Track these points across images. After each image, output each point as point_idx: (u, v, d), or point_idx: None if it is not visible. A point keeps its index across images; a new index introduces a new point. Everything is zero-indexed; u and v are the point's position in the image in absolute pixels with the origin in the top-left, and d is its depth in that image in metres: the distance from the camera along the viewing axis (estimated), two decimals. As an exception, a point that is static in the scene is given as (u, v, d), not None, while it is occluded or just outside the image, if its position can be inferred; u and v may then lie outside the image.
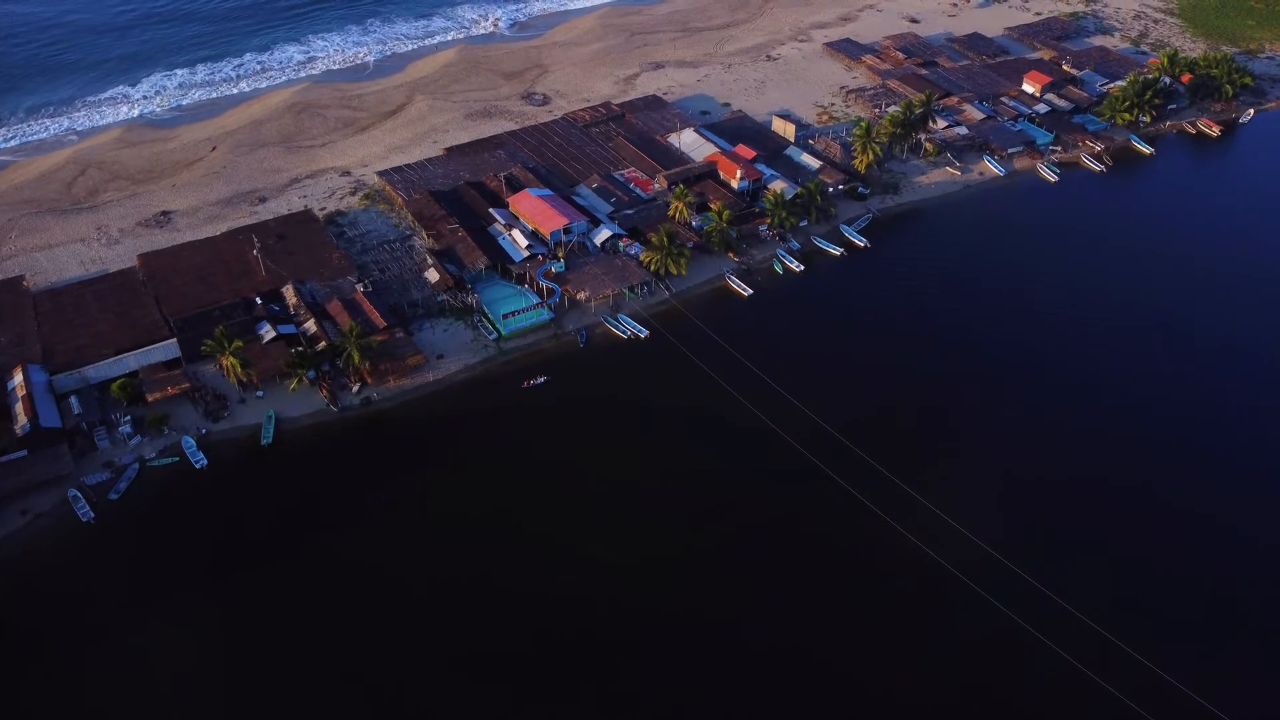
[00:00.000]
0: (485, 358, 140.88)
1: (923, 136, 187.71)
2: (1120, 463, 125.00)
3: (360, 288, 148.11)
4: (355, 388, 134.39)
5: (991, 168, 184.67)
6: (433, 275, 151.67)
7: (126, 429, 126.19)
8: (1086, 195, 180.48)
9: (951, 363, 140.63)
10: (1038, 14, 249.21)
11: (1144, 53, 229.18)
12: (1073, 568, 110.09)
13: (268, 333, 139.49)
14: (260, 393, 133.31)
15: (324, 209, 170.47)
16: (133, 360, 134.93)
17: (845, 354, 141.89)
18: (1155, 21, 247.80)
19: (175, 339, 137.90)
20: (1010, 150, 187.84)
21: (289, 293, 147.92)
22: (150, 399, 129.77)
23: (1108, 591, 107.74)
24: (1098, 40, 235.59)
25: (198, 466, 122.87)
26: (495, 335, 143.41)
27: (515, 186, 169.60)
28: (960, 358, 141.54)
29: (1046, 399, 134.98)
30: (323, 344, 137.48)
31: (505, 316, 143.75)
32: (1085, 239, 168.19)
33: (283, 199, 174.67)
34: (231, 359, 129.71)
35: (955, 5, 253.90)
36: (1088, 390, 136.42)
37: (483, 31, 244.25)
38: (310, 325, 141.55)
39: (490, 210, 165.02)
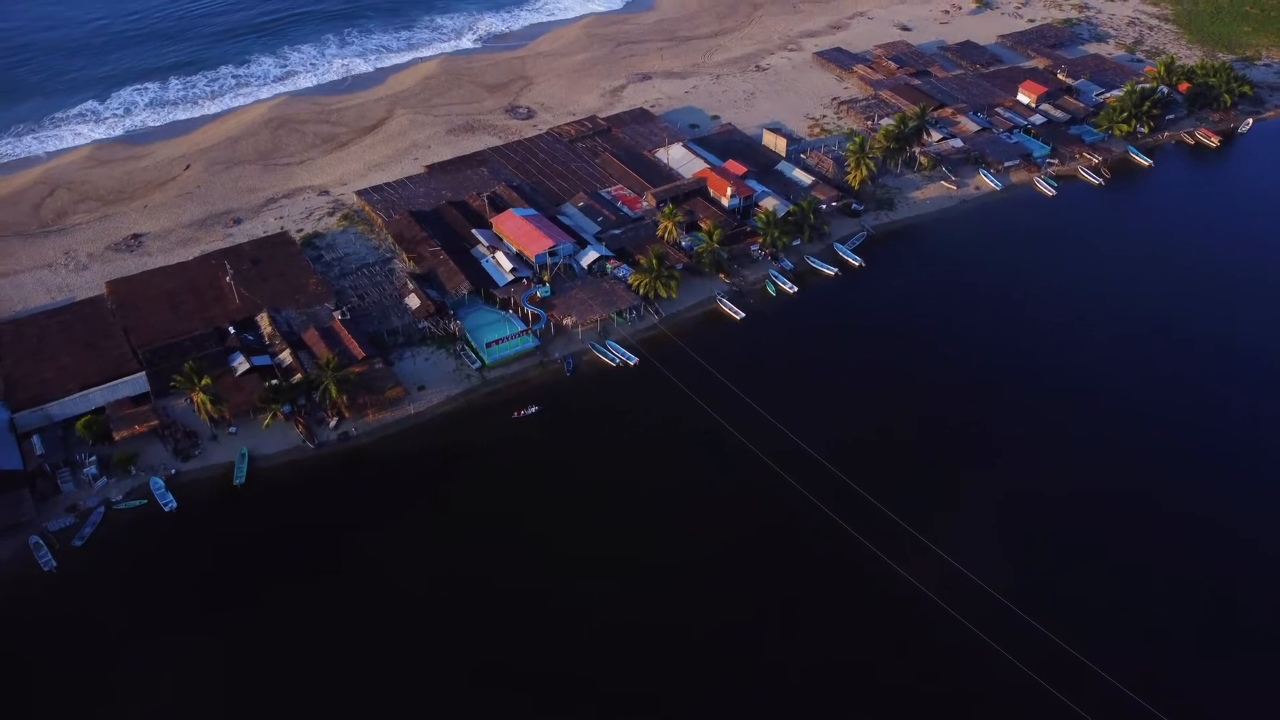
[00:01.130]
0: (468, 388, 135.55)
1: (917, 150, 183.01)
2: (1124, 504, 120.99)
3: (338, 315, 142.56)
4: (333, 422, 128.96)
5: (988, 182, 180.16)
6: (413, 301, 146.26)
7: (92, 470, 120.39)
8: (1086, 210, 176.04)
9: (949, 387, 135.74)
10: (1031, 21, 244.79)
11: (1139, 60, 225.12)
12: (1077, 604, 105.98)
13: (241, 365, 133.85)
14: (233, 429, 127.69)
15: (301, 230, 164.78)
16: (99, 396, 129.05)
17: (840, 380, 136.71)
18: (1150, 28, 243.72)
19: (144, 372, 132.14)
20: (1006, 163, 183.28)
21: (263, 321, 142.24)
22: (117, 437, 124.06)
23: (1115, 629, 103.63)
24: (1092, 48, 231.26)
25: (166, 509, 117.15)
26: (478, 364, 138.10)
27: (499, 206, 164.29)
28: (959, 382, 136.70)
29: (1052, 423, 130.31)
30: (298, 376, 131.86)
31: (489, 345, 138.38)
32: (1087, 256, 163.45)
33: (258, 220, 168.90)
34: (201, 395, 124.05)
35: (947, 13, 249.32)
36: (1096, 413, 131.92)
37: (466, 44, 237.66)
38: (285, 356, 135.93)
39: (473, 231, 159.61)
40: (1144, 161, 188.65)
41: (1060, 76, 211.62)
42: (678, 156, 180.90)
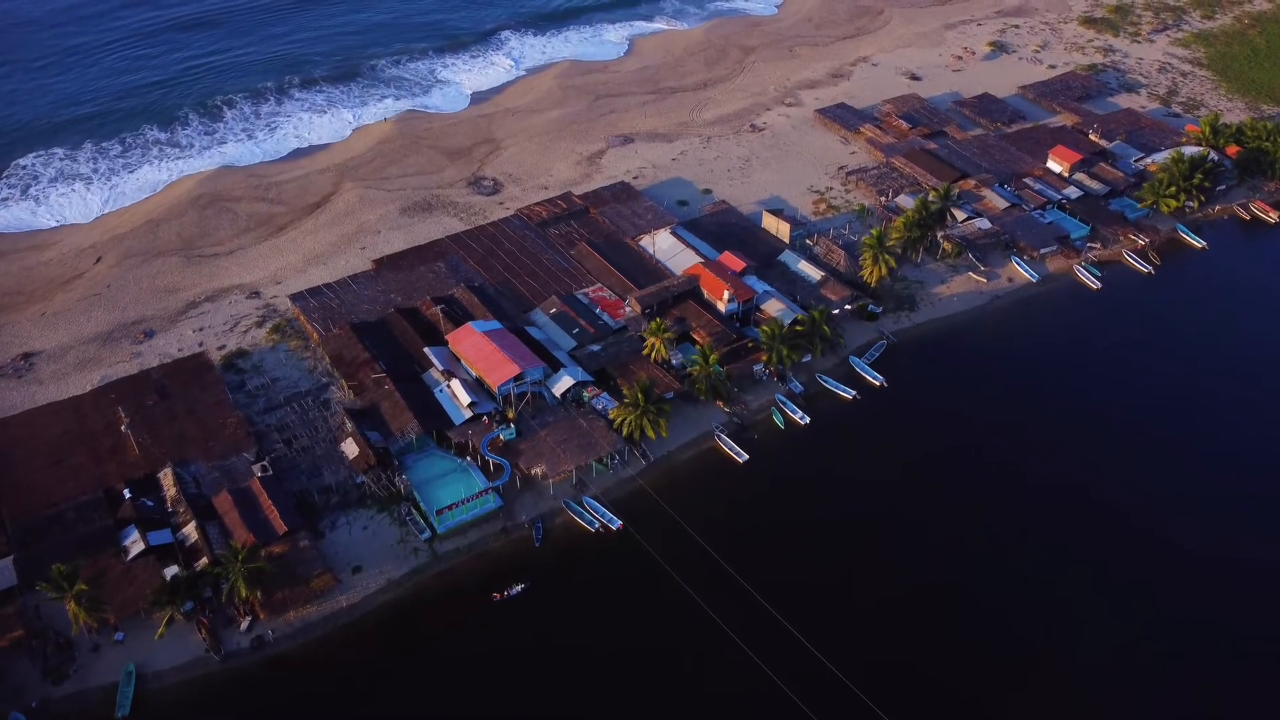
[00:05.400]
0: (414, 568, 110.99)
1: (940, 234, 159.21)
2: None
3: (258, 471, 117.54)
4: (244, 623, 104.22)
5: (1022, 272, 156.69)
6: (350, 449, 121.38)
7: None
8: (1139, 307, 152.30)
9: (1004, 568, 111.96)
10: (1051, 67, 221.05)
11: (1176, 115, 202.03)
12: None
13: (135, 543, 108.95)
14: (120, 634, 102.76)
15: (223, 347, 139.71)
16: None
17: (867, 555, 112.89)
18: (1183, 75, 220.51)
19: (11, 558, 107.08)
20: (1043, 250, 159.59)
21: (166, 481, 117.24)
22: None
23: None
24: (1123, 100, 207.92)
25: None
26: (427, 534, 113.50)
27: (456, 318, 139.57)
28: (1013, 561, 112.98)
29: (1136, 616, 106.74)
30: (204, 560, 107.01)
31: (440, 512, 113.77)
32: (1150, 371, 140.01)
33: (174, 332, 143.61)
34: (74, 606, 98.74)
35: (960, 59, 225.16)
36: (1183, 593, 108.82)
37: (425, 99, 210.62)
38: (190, 531, 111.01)
39: (425, 350, 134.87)
40: (1197, 244, 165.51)
41: (1093, 138, 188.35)
42: (666, 246, 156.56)
